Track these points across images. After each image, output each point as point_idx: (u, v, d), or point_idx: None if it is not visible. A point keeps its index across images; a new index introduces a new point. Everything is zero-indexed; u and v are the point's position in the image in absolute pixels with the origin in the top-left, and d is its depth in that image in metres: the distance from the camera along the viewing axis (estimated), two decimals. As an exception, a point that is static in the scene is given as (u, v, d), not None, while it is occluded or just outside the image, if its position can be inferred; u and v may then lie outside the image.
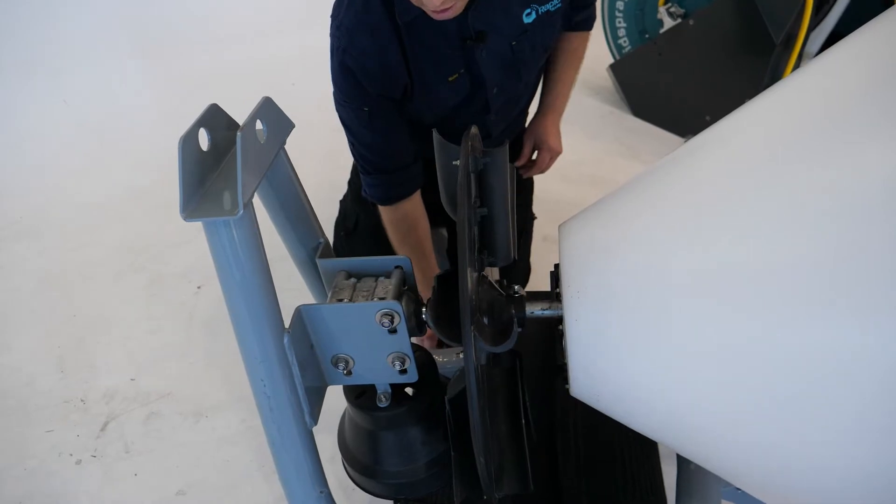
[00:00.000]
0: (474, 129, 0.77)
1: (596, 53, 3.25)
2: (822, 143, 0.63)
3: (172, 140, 2.13)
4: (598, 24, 3.06)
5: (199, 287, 1.84)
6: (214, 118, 0.74)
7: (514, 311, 0.76)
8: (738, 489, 1.01)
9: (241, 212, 0.66)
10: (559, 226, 0.86)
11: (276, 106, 0.77)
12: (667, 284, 0.66)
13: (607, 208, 0.77)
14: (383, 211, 1.34)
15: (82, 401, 1.50)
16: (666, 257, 0.67)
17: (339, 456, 0.95)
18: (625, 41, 2.98)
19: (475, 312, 0.67)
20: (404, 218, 1.34)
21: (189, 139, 0.68)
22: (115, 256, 1.98)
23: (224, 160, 0.76)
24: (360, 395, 0.91)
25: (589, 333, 0.71)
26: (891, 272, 0.53)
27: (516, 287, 0.85)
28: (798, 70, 0.77)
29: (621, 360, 0.70)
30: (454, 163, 0.73)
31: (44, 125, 2.65)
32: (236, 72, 2.98)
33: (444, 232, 1.79)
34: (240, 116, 0.76)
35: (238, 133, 0.66)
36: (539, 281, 1.60)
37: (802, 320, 0.58)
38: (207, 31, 3.18)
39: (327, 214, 1.37)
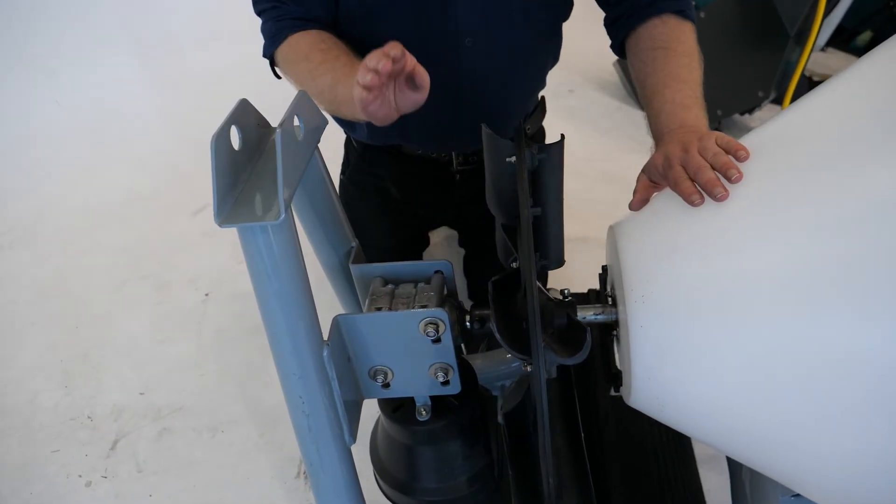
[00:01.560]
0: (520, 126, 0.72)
1: (602, 48, 3.22)
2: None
3: (172, 142, 2.10)
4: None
5: (206, 294, 1.78)
6: (245, 115, 0.68)
7: (573, 317, 0.71)
8: (794, 495, 0.96)
9: (284, 216, 0.61)
10: (610, 227, 0.81)
11: (311, 100, 0.72)
12: (744, 289, 0.62)
13: (669, 209, 0.72)
14: (277, 58, 1.03)
15: (89, 418, 1.43)
16: (742, 259, 0.63)
17: (365, 469, 0.89)
18: (630, 36, 2.94)
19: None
20: (296, 45, 0.98)
21: (221, 137, 0.62)
22: (117, 263, 1.91)
23: (257, 160, 0.70)
24: (397, 409, 0.86)
25: (655, 341, 0.66)
26: None
27: (565, 290, 0.80)
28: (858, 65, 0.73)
29: (691, 369, 0.65)
30: (508, 159, 0.68)
31: (35, 127, 2.57)
32: (235, 71, 2.90)
33: (455, 232, 1.74)
34: None
35: (277, 130, 0.61)
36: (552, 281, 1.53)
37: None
38: (205, 30, 3.11)
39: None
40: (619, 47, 1.06)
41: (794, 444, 0.64)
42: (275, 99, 0.83)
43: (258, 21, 1.06)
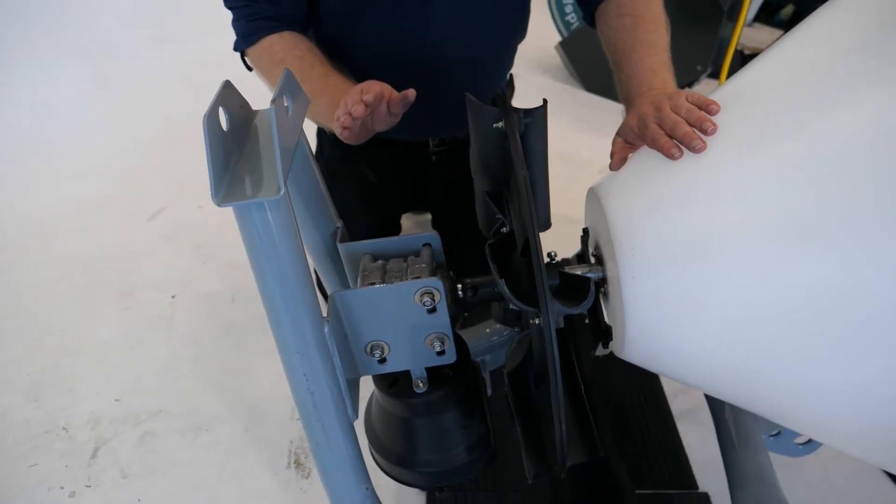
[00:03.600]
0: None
1: (544, 32, 3.28)
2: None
3: (118, 147, 2.05)
4: (543, 2, 3.08)
5: (173, 296, 1.74)
6: (230, 97, 0.68)
7: (568, 272, 0.73)
8: (774, 434, 1.02)
9: (284, 191, 0.61)
10: (590, 189, 0.84)
11: (296, 81, 0.72)
12: (727, 233, 0.65)
13: (648, 165, 0.76)
14: (249, 57, 1.05)
15: (65, 429, 1.39)
16: (724, 205, 0.66)
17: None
18: (572, 17, 3.00)
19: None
20: (271, 48, 1.00)
21: (212, 118, 0.62)
22: (76, 273, 1.85)
23: (244, 142, 0.70)
24: (393, 384, 0.87)
25: (647, 289, 0.69)
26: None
27: (551, 253, 0.83)
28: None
29: (683, 313, 0.69)
30: (495, 125, 0.69)
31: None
32: (174, 73, 2.86)
33: (429, 215, 1.75)
34: (189, 120, 0.67)
35: (271, 105, 0.61)
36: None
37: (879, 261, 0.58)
38: (144, 34, 3.03)
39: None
40: (590, 17, 1.10)
41: (782, 378, 0.68)
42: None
43: (197, 25, 1.06)
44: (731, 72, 2.68)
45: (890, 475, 1.30)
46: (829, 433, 0.74)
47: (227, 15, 1.03)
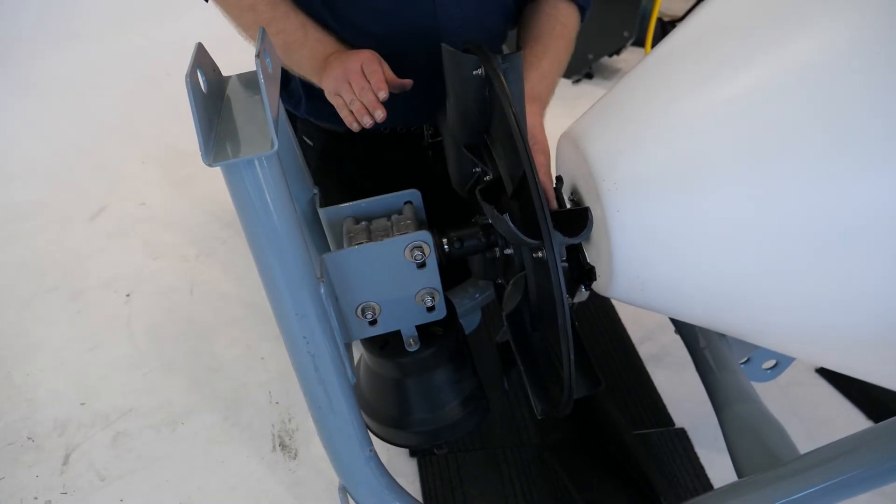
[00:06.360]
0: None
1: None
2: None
3: (45, 150, 1.96)
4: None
5: (128, 295, 1.68)
6: (204, 60, 0.66)
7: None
8: (744, 362, 1.07)
9: (277, 146, 0.60)
10: (562, 134, 0.86)
11: (271, 39, 0.71)
12: (701, 159, 0.68)
13: (616, 107, 0.78)
14: None
15: (30, 438, 1.32)
16: (695, 135, 0.69)
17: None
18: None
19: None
20: None
21: (193, 78, 0.61)
22: (17, 280, 1.76)
23: (220, 105, 0.69)
24: (384, 346, 0.87)
25: (632, 220, 0.72)
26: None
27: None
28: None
29: (668, 241, 0.72)
30: (475, 72, 0.70)
31: None
32: (97, 68, 2.73)
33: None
34: (117, 118, 0.64)
35: (256, 59, 0.60)
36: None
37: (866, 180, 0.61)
38: (58, 29, 2.87)
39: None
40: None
41: (765, 295, 0.72)
42: (154, 93, 0.80)
43: (113, 21, 0.98)
44: (655, 40, 2.80)
45: (847, 395, 1.40)
46: (809, 345, 0.79)
47: (146, 10, 0.98)
